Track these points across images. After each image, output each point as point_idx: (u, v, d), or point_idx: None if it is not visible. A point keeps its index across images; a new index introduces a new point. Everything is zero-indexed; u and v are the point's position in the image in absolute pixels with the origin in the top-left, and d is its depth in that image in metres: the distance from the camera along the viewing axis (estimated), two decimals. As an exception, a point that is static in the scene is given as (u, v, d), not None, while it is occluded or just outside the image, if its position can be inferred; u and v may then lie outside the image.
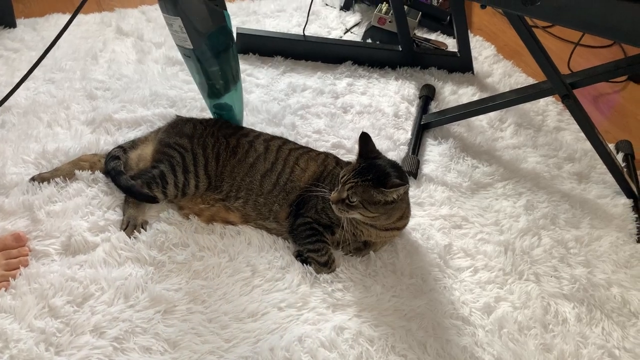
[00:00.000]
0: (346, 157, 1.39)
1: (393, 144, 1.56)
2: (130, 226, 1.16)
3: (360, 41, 2.02)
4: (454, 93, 1.82)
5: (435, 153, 1.55)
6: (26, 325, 0.98)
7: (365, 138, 1.14)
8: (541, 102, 1.80)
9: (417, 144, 1.56)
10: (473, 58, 1.92)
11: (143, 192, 1.18)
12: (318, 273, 1.15)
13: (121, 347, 0.97)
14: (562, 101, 1.38)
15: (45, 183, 1.23)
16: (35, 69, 1.14)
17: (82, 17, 1.94)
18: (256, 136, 1.30)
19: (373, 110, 1.68)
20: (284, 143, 1.30)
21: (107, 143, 1.37)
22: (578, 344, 1.10)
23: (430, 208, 1.37)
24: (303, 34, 1.90)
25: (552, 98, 1.81)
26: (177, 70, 1.72)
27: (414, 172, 1.45)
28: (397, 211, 1.14)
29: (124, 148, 1.30)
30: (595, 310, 1.17)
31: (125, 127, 1.44)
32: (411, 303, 1.12)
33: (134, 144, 1.32)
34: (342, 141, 1.52)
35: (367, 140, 1.14)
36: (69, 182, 1.25)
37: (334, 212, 1.12)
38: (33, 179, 1.23)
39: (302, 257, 1.18)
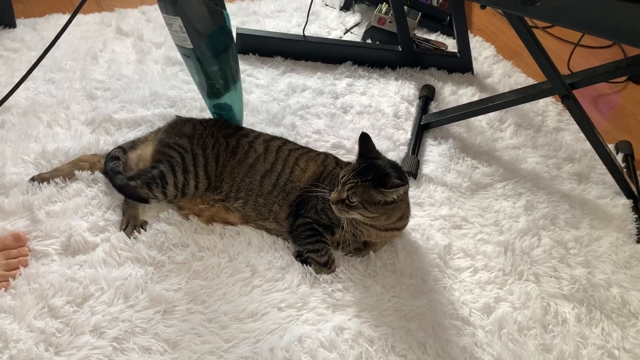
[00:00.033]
0: (346, 158, 1.39)
1: (393, 144, 1.56)
2: (130, 226, 1.16)
3: (360, 41, 2.01)
4: (454, 93, 1.82)
5: (435, 153, 1.55)
6: (26, 325, 0.98)
7: (365, 138, 1.14)
8: (541, 103, 1.80)
9: (417, 144, 1.56)
10: (473, 58, 1.92)
11: (135, 193, 1.18)
12: (318, 273, 1.15)
13: (121, 347, 0.97)
14: (562, 102, 1.38)
15: (45, 183, 1.23)
16: (34, 69, 1.14)
17: (82, 17, 1.94)
18: (256, 136, 1.30)
19: (373, 110, 1.68)
20: (284, 143, 1.30)
21: (107, 143, 1.37)
22: (578, 345, 1.10)
23: (430, 208, 1.37)
24: (303, 34, 1.90)
25: (552, 98, 1.81)
26: (177, 70, 1.72)
27: (414, 173, 1.45)
28: (397, 211, 1.14)
29: (124, 148, 1.30)
30: (595, 310, 1.17)
31: (125, 127, 1.44)
32: (411, 303, 1.12)
33: (134, 145, 1.32)
34: (342, 141, 1.52)
35: (367, 140, 1.14)
36: (69, 183, 1.25)
37: (334, 213, 1.12)
38: (33, 179, 1.23)
39: (302, 258, 1.18)
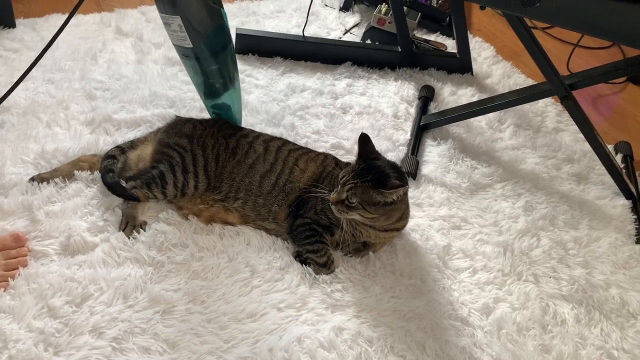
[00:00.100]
0: (345, 158, 1.39)
1: (392, 145, 1.56)
2: (129, 226, 1.16)
3: (359, 42, 2.02)
4: (453, 94, 1.82)
5: (434, 154, 1.55)
6: (25, 325, 0.98)
7: (364, 139, 1.14)
8: (540, 103, 1.80)
9: (417, 145, 1.56)
10: (472, 59, 1.92)
11: (124, 192, 1.18)
12: (317, 274, 1.15)
13: (120, 348, 0.97)
14: (561, 102, 1.38)
15: (44, 183, 1.23)
16: (33, 69, 1.14)
17: (82, 18, 1.94)
18: (256, 137, 1.30)
19: (372, 111, 1.68)
20: (284, 144, 1.30)
21: (107, 143, 1.37)
22: (577, 345, 1.10)
23: (429, 209, 1.37)
24: (302, 35, 1.90)
25: (551, 99, 1.81)
26: (177, 70, 1.72)
27: (413, 173, 1.45)
28: (397, 212, 1.14)
29: (122, 148, 1.30)
30: (594, 311, 1.17)
31: (124, 128, 1.44)
32: (410, 304, 1.12)
33: (133, 145, 1.32)
34: (342, 142, 1.52)
35: (367, 141, 1.14)
36: (68, 183, 1.25)
37: (333, 213, 1.12)
38: (32, 179, 1.23)
39: (301, 258, 1.18)
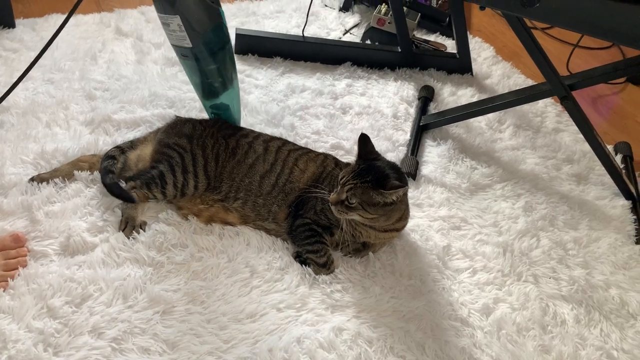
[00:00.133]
0: (345, 158, 1.39)
1: (392, 145, 1.56)
2: (128, 227, 1.16)
3: (359, 42, 2.02)
4: (453, 94, 1.82)
5: (434, 154, 1.55)
6: (24, 325, 0.98)
7: (364, 139, 1.14)
8: (540, 104, 1.80)
9: (416, 145, 1.56)
10: (472, 59, 1.92)
11: (123, 193, 1.18)
12: (317, 274, 1.15)
13: (120, 348, 0.97)
14: (561, 103, 1.38)
15: (44, 183, 1.23)
16: (32, 69, 1.13)
17: (81, 18, 1.94)
18: (255, 137, 1.30)
19: (372, 111, 1.68)
20: (283, 144, 1.30)
21: (106, 143, 1.37)
22: (576, 345, 1.10)
23: (429, 209, 1.37)
24: (302, 35, 1.90)
25: (551, 99, 1.81)
26: (176, 70, 1.72)
27: (413, 174, 1.45)
28: (396, 212, 1.14)
29: (122, 148, 1.30)
30: (593, 311, 1.17)
31: (124, 128, 1.44)
32: (410, 304, 1.12)
33: (133, 145, 1.32)
34: (341, 142, 1.52)
35: (366, 141, 1.14)
36: (68, 183, 1.25)
37: (333, 214, 1.12)
38: (32, 180, 1.23)
39: (301, 258, 1.18)
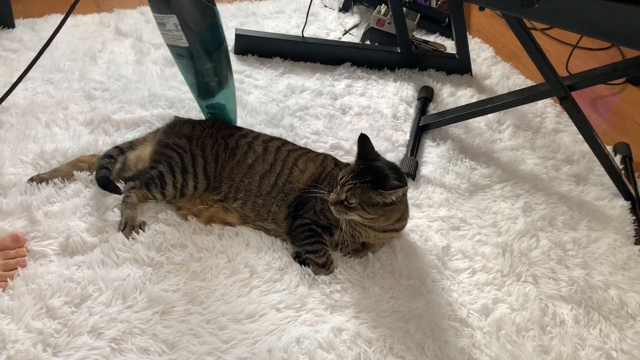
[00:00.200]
0: (345, 159, 1.39)
1: (391, 146, 1.56)
2: (128, 227, 1.16)
3: (359, 42, 2.02)
4: (453, 95, 1.82)
5: (433, 154, 1.55)
6: (24, 325, 0.98)
7: (363, 139, 1.14)
8: (539, 104, 1.80)
9: (416, 146, 1.56)
10: (471, 60, 1.93)
11: (110, 185, 1.19)
12: (316, 274, 1.15)
13: (119, 348, 0.97)
14: (561, 103, 1.38)
15: (43, 184, 1.23)
16: (32, 69, 1.13)
17: (81, 18, 1.94)
18: (255, 137, 1.30)
19: (372, 111, 1.68)
20: (283, 144, 1.30)
21: (106, 144, 1.37)
22: (576, 346, 1.10)
23: (428, 209, 1.37)
24: (302, 35, 1.90)
25: (551, 100, 1.81)
26: (176, 71, 1.71)
27: (413, 174, 1.45)
28: (396, 213, 1.14)
29: (121, 148, 1.30)
30: (593, 312, 1.17)
31: (123, 128, 1.44)
32: (409, 304, 1.12)
33: (132, 145, 1.32)
34: (341, 142, 1.52)
35: (366, 141, 1.14)
36: (67, 183, 1.25)
37: (333, 214, 1.12)
38: (31, 180, 1.23)
39: (301, 259, 1.18)
